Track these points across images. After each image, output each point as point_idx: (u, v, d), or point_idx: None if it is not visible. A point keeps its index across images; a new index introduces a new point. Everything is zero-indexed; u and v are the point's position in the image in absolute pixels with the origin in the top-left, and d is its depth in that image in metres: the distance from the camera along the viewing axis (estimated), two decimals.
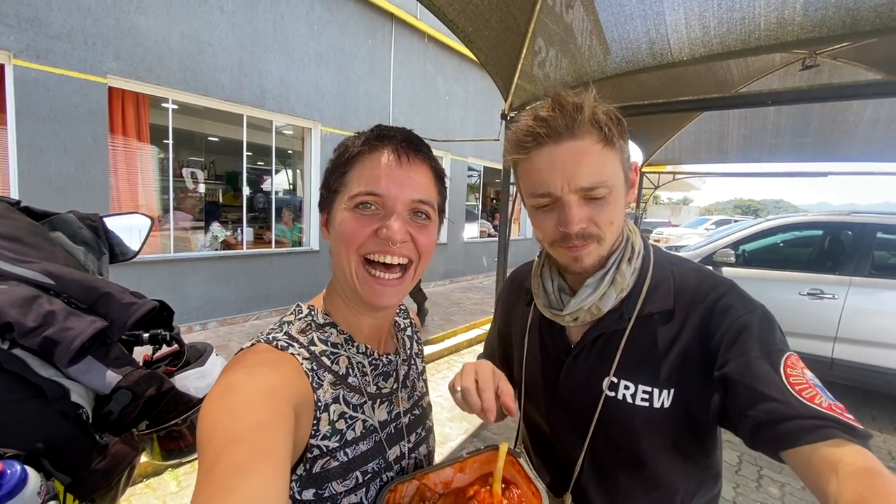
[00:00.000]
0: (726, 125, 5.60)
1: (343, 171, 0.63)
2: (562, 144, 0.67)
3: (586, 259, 0.72)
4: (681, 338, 0.72)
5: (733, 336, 0.66)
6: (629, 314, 0.75)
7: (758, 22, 2.61)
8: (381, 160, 0.61)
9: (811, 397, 0.59)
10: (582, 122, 0.65)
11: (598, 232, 0.70)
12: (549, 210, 0.71)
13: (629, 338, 0.75)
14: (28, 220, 0.87)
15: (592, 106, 0.67)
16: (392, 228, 0.59)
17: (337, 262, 0.64)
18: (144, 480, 2.56)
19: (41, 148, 4.05)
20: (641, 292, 0.76)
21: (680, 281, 0.76)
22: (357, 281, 0.62)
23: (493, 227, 12.16)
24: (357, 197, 0.60)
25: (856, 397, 4.27)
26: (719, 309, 0.70)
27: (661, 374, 0.72)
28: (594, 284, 0.75)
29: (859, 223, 4.17)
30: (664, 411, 0.72)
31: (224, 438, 0.43)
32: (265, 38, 5.63)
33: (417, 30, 7.83)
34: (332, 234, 0.64)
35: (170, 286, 5.06)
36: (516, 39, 3.17)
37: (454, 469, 0.64)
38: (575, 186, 0.66)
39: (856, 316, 3.87)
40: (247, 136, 5.81)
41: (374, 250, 0.61)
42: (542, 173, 0.69)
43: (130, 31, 4.47)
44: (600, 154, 0.66)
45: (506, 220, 3.68)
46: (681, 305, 0.74)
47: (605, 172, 0.67)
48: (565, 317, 0.77)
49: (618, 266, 0.75)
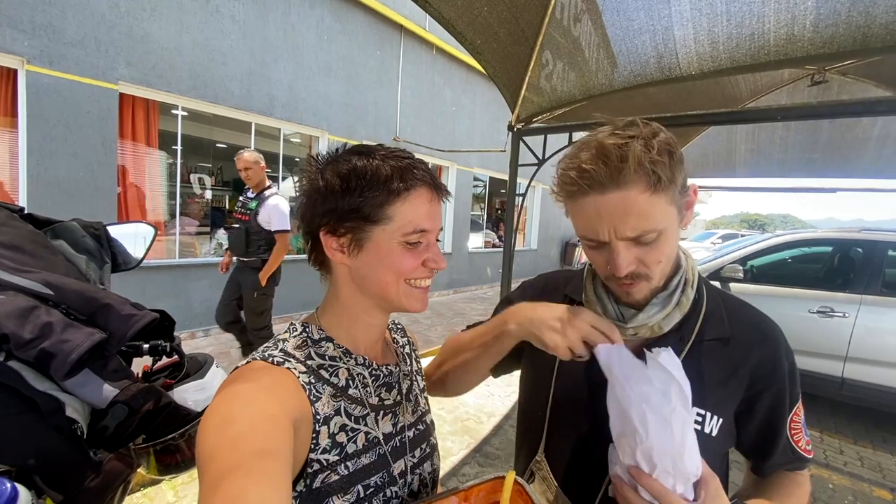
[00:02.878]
0: (734, 139, 5.58)
1: (383, 202, 0.63)
2: (607, 195, 0.64)
3: (636, 295, 0.73)
4: (738, 371, 0.75)
5: (771, 372, 0.76)
6: (688, 337, 0.76)
7: (767, 38, 2.60)
8: (425, 199, 0.66)
9: (798, 440, 0.78)
10: (627, 173, 0.62)
11: (647, 272, 0.69)
12: (598, 249, 0.71)
13: (685, 361, 0.73)
14: (30, 228, 0.86)
15: (638, 155, 0.62)
16: (440, 260, 0.68)
17: (377, 285, 0.66)
18: (141, 490, 2.53)
19: (51, 153, 4.09)
20: (699, 317, 0.77)
21: (731, 310, 0.80)
22: (403, 298, 0.67)
23: (497, 237, 12.16)
24: (412, 235, 0.64)
25: (867, 418, 4.18)
26: (772, 350, 0.77)
27: (714, 402, 0.74)
28: (661, 304, 0.75)
29: (870, 241, 4.12)
30: (711, 438, 0.73)
31: (224, 464, 0.44)
32: (275, 47, 5.70)
33: (426, 41, 7.90)
34: (371, 261, 0.65)
35: (174, 292, 5.07)
36: (524, 52, 3.18)
37: (458, 498, 0.62)
38: (621, 235, 0.66)
39: (867, 335, 3.80)
40: (255, 144, 5.85)
41: (420, 276, 0.67)
42: (588, 221, 0.68)
43: (143, 39, 4.53)
44: (647, 202, 0.63)
45: (511, 230, 3.66)
46: (739, 336, 0.77)
47: (654, 220, 0.64)
48: (627, 330, 0.75)
49: (682, 289, 0.76)
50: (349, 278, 0.68)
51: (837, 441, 3.84)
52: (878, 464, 3.52)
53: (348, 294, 0.69)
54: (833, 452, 3.64)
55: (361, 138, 6.98)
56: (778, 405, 0.76)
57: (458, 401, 4.16)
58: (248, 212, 3.64)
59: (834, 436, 3.94)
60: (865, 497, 3.05)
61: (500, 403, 4.18)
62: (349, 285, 0.68)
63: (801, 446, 0.78)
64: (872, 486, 3.17)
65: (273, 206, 3.60)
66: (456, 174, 9.23)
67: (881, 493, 3.12)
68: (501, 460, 3.18)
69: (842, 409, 4.35)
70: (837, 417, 4.28)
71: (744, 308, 0.81)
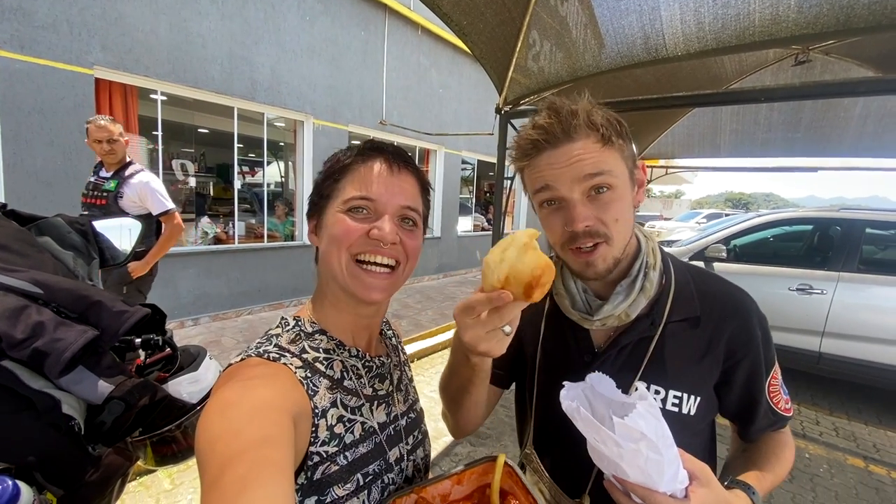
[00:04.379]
0: (719, 120, 5.62)
1: (336, 178, 0.67)
2: (560, 148, 0.69)
3: (599, 264, 0.72)
4: (711, 347, 0.76)
5: (745, 343, 0.76)
6: (659, 320, 0.77)
7: (752, 18, 2.61)
8: (373, 168, 0.66)
9: (777, 402, 0.80)
10: (578, 126, 0.68)
11: (606, 230, 0.70)
12: (555, 210, 0.73)
13: (658, 343, 0.76)
14: (14, 225, 0.85)
15: (587, 109, 0.69)
16: (384, 229, 0.63)
17: (327, 263, 0.66)
18: (138, 478, 2.55)
19: (27, 141, 3.96)
20: (668, 298, 0.78)
21: (701, 285, 0.80)
22: (347, 277, 0.64)
23: (486, 220, 12.16)
24: (351, 201, 0.64)
25: (841, 391, 4.36)
26: (744, 321, 0.77)
27: (691, 381, 0.76)
28: (625, 291, 0.76)
29: (848, 219, 4.22)
30: (690, 417, 0.75)
31: (226, 455, 0.44)
32: (256, 28, 5.53)
33: (411, 21, 7.73)
34: (324, 237, 0.67)
35: (161, 281, 4.99)
36: (511, 32, 3.14)
37: (452, 481, 0.64)
38: (577, 176, 0.68)
39: (843, 311, 3.93)
40: (238, 129, 5.73)
41: (365, 250, 0.64)
42: (542, 171, 0.71)
43: (117, 21, 4.37)
44: (599, 151, 0.68)
45: (500, 213, 3.67)
46: (708, 313, 0.77)
47: (607, 165, 0.68)
48: (595, 322, 0.77)
49: (646, 273, 0.77)
50: (321, 263, 0.69)
51: (814, 412, 4.00)
52: (852, 433, 3.68)
53: (322, 281, 0.70)
54: (809, 423, 3.80)
55: (347, 122, 6.88)
56: (755, 372, 0.77)
57: None
58: (103, 195, 2.96)
59: (811, 408, 4.10)
60: (839, 465, 3.20)
61: None
62: (322, 271, 0.69)
63: (781, 406, 0.80)
64: (846, 454, 3.33)
65: (143, 184, 2.97)
66: (444, 158, 9.17)
67: (855, 461, 3.27)
68: (493, 439, 3.26)
69: (818, 383, 4.52)
70: (814, 390, 4.46)
71: (713, 281, 0.82)
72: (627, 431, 0.54)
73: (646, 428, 0.53)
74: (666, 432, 0.56)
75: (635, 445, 0.54)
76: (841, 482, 3.00)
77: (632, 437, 0.54)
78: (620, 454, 0.55)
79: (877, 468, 3.20)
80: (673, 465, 0.57)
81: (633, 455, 0.55)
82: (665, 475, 0.56)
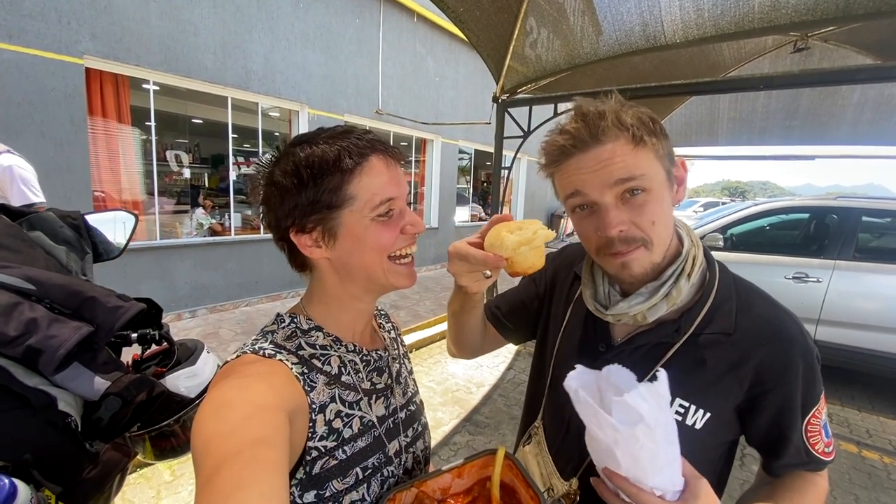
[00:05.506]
0: (717, 108, 5.61)
1: (340, 183, 0.61)
2: (589, 152, 0.66)
3: (634, 266, 0.69)
4: (736, 368, 0.71)
5: (779, 373, 0.70)
6: (686, 329, 0.73)
7: (752, 4, 2.58)
8: (382, 167, 0.64)
9: (815, 443, 0.73)
10: (606, 128, 0.65)
11: (642, 235, 0.67)
12: (588, 215, 0.70)
13: (677, 352, 0.73)
14: (5, 220, 0.83)
15: (616, 110, 0.66)
16: (417, 224, 0.68)
17: (360, 267, 0.65)
18: (138, 471, 2.56)
19: (17, 132, 3.90)
20: (703, 310, 0.73)
21: (744, 303, 0.75)
22: (389, 275, 0.66)
23: (484, 210, 12.14)
24: (380, 206, 0.63)
25: (836, 377, 4.41)
26: (781, 349, 0.71)
27: (703, 395, 0.72)
28: (647, 294, 0.73)
29: (844, 207, 4.22)
30: (694, 430, 0.71)
31: (220, 454, 0.44)
32: (249, 16, 5.44)
33: (407, 8, 7.62)
34: (347, 246, 0.63)
35: (157, 273, 4.99)
36: (508, 19, 3.10)
37: (452, 475, 0.64)
38: (608, 181, 0.65)
39: (839, 299, 3.95)
40: (232, 119, 5.66)
41: (401, 245, 0.66)
42: (571, 176, 0.69)
43: (106, 9, 4.28)
44: (631, 153, 0.65)
45: (497, 203, 3.67)
46: (743, 332, 0.72)
47: (639, 168, 0.65)
48: (607, 315, 0.76)
49: (676, 280, 0.73)
50: (332, 269, 0.67)
51: None
52: (845, 419, 3.73)
53: (335, 283, 0.68)
54: None
55: (343, 111, 6.81)
56: (788, 407, 0.71)
57: (447, 373, 4.25)
58: None
59: None
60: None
61: (488, 374, 4.28)
62: (334, 275, 0.67)
63: (819, 449, 0.73)
64: (840, 440, 3.38)
65: (5, 168, 2.44)
66: (441, 147, 9.11)
67: (848, 446, 3.32)
68: (491, 428, 3.29)
69: None
70: None
71: (760, 301, 0.76)
72: (625, 411, 0.53)
73: (646, 410, 0.52)
74: (670, 427, 0.55)
75: (632, 430, 0.53)
76: (834, 467, 3.04)
77: (629, 418, 0.53)
78: (616, 439, 0.54)
79: (869, 453, 3.25)
80: (670, 463, 0.56)
81: (629, 441, 0.54)
82: (657, 467, 0.55)
